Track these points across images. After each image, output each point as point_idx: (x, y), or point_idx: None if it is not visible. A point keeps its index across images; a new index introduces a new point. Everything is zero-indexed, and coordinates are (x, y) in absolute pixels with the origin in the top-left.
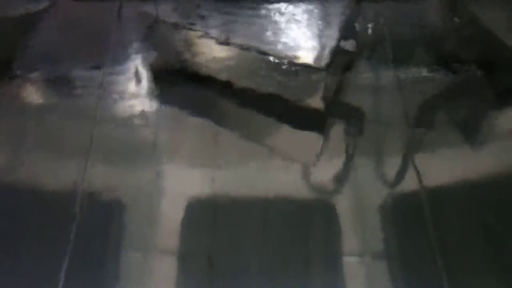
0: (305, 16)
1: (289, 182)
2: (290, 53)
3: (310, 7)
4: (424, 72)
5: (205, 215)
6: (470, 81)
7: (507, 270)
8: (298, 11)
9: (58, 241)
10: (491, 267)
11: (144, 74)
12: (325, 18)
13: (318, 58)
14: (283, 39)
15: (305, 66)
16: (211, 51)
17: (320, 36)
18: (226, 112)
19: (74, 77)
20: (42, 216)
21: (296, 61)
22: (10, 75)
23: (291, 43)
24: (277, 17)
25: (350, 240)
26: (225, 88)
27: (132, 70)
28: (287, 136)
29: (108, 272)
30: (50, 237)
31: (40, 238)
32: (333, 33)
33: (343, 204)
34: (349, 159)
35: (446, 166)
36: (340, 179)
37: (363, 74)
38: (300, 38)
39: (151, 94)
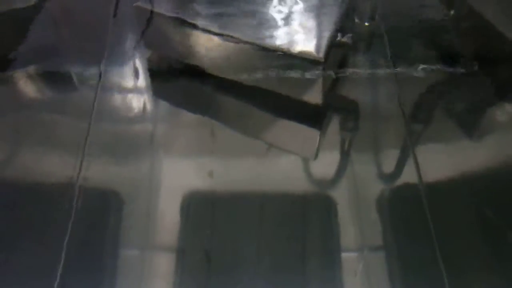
0: (302, 9)
1: (287, 176)
2: (287, 47)
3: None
4: (422, 66)
5: (202, 209)
6: (468, 74)
7: (507, 263)
8: (295, 4)
9: (54, 237)
10: (491, 261)
11: (141, 68)
12: (322, 12)
13: (315, 52)
14: (280, 32)
15: (302, 60)
16: (208, 45)
17: (317, 29)
18: (224, 107)
19: (70, 72)
20: (38, 212)
21: (293, 55)
22: (6, 70)
23: (288, 37)
24: (273, 11)
25: (348, 234)
26: (222, 82)
27: (129, 65)
28: (285, 130)
29: (105, 267)
30: (46, 233)
31: (36, 234)
32: (330, 27)
33: (341, 198)
34: (347, 153)
35: (444, 159)
36: (339, 173)
37: (361, 68)
38: (297, 32)
39: (148, 88)
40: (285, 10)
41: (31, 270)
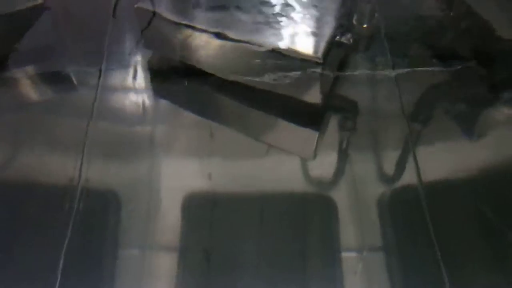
0: (301, 9)
1: (286, 177)
2: (286, 47)
3: (306, 0)
4: (421, 66)
5: (202, 210)
6: (467, 74)
7: (506, 263)
8: (294, 4)
9: (55, 237)
10: (490, 261)
11: (141, 69)
12: (321, 12)
13: (314, 52)
14: (279, 33)
15: (302, 60)
16: (208, 46)
17: (316, 29)
18: (223, 107)
19: (70, 72)
20: (38, 212)
21: (293, 55)
22: (5, 71)
23: (287, 37)
24: (273, 11)
25: (348, 234)
26: (222, 83)
27: (129, 65)
28: (284, 131)
29: (105, 267)
30: (46, 233)
31: (36, 235)
32: (329, 27)
33: (341, 198)
34: (346, 154)
35: (444, 159)
36: (338, 173)
37: (360, 68)
38: (296, 32)
39: (148, 89)
40: (284, 11)
41: (31, 270)
